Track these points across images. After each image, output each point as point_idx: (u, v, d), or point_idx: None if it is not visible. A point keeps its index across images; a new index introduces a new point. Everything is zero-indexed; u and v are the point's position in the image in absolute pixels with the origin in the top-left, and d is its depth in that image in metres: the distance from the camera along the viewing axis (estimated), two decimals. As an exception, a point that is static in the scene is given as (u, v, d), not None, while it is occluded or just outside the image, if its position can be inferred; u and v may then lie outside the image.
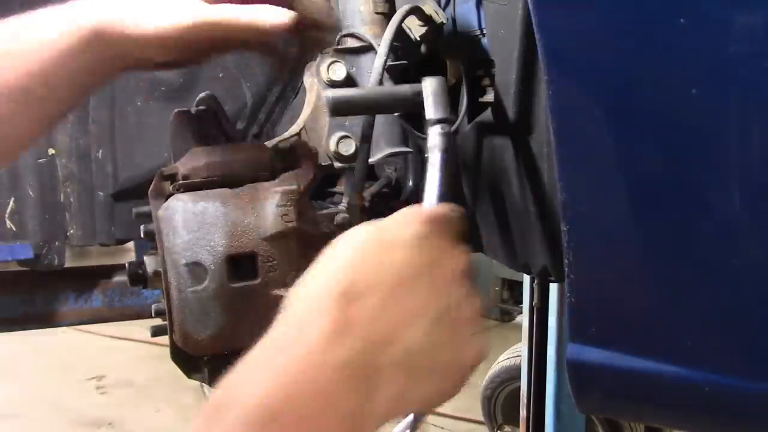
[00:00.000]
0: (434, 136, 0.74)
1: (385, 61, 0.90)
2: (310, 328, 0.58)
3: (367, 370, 0.58)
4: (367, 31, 0.99)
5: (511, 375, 2.46)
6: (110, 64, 0.80)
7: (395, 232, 0.64)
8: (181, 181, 0.80)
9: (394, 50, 0.91)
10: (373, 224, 0.65)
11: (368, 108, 0.81)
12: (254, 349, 0.59)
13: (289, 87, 1.33)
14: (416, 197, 1.03)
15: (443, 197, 0.70)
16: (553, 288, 1.93)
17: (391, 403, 0.59)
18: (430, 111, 0.76)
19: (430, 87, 0.77)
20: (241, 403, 0.55)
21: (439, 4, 0.98)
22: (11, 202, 1.52)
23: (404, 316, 0.60)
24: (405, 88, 0.81)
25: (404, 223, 0.65)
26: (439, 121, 0.75)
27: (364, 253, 0.62)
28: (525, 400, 2.08)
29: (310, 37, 0.88)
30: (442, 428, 3.46)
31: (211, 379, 0.84)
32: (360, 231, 0.64)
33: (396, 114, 0.92)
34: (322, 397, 0.56)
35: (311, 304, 0.60)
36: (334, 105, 0.76)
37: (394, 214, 0.66)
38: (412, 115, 0.92)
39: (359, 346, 0.58)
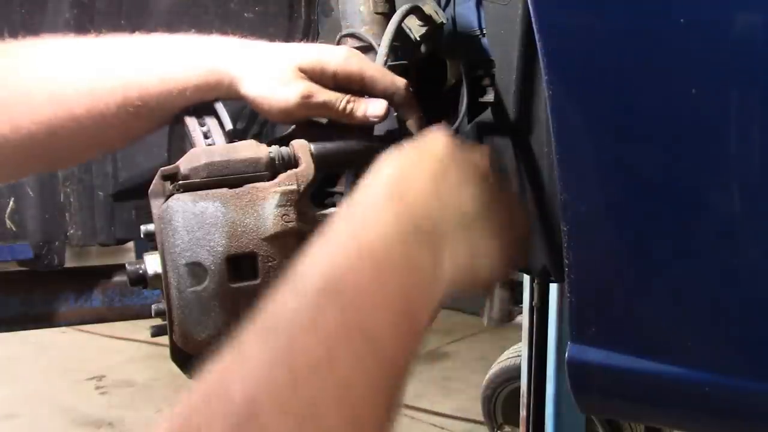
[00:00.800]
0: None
1: (386, 61, 0.90)
2: (372, 211, 0.65)
3: (429, 233, 0.66)
4: (367, 31, 0.99)
5: (511, 375, 2.46)
6: (204, 99, 0.89)
7: (426, 143, 0.75)
8: (180, 182, 0.80)
9: (394, 50, 0.91)
10: (407, 147, 0.74)
11: (348, 161, 0.88)
12: (320, 235, 0.63)
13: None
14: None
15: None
16: (553, 288, 1.93)
17: (458, 263, 0.68)
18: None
19: None
20: (311, 279, 0.59)
21: (439, 4, 0.98)
22: (11, 202, 1.52)
23: (451, 189, 0.71)
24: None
25: (431, 137, 0.76)
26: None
27: (403, 161, 0.72)
28: (525, 400, 2.08)
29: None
30: (442, 428, 3.46)
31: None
32: (397, 152, 0.73)
33: (395, 114, 0.92)
34: (390, 263, 0.61)
35: (370, 197, 0.68)
36: (319, 159, 0.84)
37: (419, 137, 0.77)
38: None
39: (419, 217, 0.66)
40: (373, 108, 0.87)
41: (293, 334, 0.54)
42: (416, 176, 0.70)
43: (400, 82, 0.88)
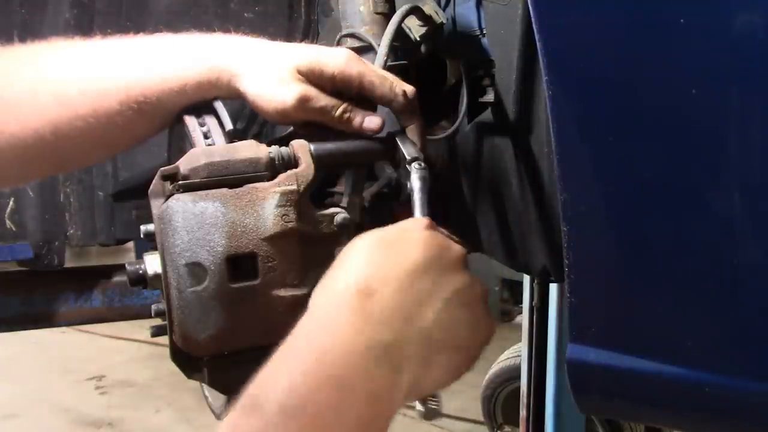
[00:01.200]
0: (413, 175, 0.83)
1: (386, 61, 0.90)
2: (334, 322, 0.64)
3: (390, 352, 0.64)
4: (367, 31, 0.99)
5: (511, 375, 2.45)
6: (205, 98, 0.88)
7: (400, 234, 0.73)
8: (180, 182, 0.80)
9: (393, 50, 0.91)
10: (378, 230, 0.73)
11: (347, 161, 0.89)
12: (281, 345, 0.65)
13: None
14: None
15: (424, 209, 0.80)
16: (553, 288, 1.93)
17: (414, 381, 0.66)
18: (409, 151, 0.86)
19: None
20: (273, 395, 0.60)
21: (439, 4, 0.98)
22: (11, 202, 1.52)
23: (418, 301, 0.68)
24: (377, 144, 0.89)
25: (406, 226, 0.74)
26: (414, 159, 0.84)
27: (374, 253, 0.70)
28: (525, 400, 2.08)
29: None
30: (442, 428, 3.46)
31: (211, 379, 0.84)
32: (367, 236, 0.72)
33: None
34: (350, 383, 0.61)
35: (332, 301, 0.67)
36: (318, 159, 0.84)
37: (398, 223, 0.75)
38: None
39: (380, 333, 0.64)
40: (369, 121, 0.87)
41: None
42: (385, 279, 0.67)
43: (399, 89, 0.87)
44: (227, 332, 0.79)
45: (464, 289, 0.71)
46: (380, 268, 0.68)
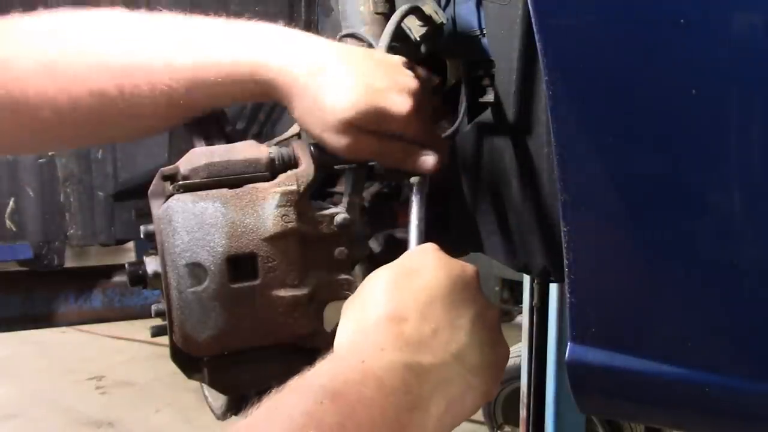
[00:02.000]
0: (416, 193, 0.86)
1: (385, 61, 0.90)
2: (372, 343, 0.66)
3: (431, 373, 0.66)
4: (367, 31, 0.99)
5: (511, 375, 2.45)
6: (253, 98, 0.85)
7: (414, 263, 0.74)
8: (180, 182, 0.80)
9: (393, 50, 0.91)
10: (390, 264, 0.74)
11: (348, 161, 0.88)
12: (315, 365, 0.65)
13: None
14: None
15: (421, 237, 0.83)
16: (553, 288, 1.93)
17: (444, 407, 0.67)
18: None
19: None
20: (317, 380, 0.62)
21: (439, 4, 0.98)
22: (11, 202, 1.52)
23: (450, 325, 0.70)
24: None
25: (420, 254, 0.75)
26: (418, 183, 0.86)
27: (395, 285, 0.71)
28: (525, 400, 2.08)
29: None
30: (442, 428, 3.45)
31: (211, 379, 0.84)
32: (382, 271, 0.73)
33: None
34: (391, 384, 0.63)
35: (365, 329, 0.68)
36: (319, 160, 0.84)
37: (407, 252, 0.78)
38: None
39: (420, 355, 0.66)
40: (423, 162, 0.85)
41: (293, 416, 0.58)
42: (414, 308, 0.69)
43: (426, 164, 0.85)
44: (228, 332, 0.79)
45: (485, 310, 0.73)
46: (405, 297, 0.70)
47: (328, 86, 0.79)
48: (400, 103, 0.80)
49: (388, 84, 0.81)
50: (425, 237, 0.83)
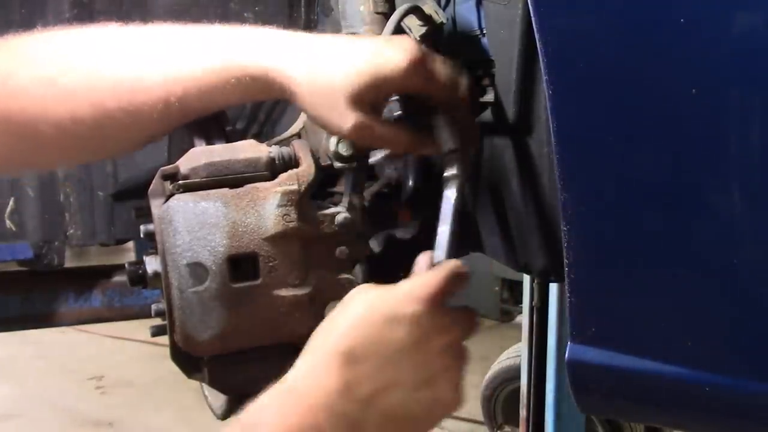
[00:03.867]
0: (450, 188, 0.80)
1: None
2: (315, 382, 0.69)
3: (356, 423, 0.69)
4: (367, 31, 0.99)
5: (511, 375, 2.45)
6: (252, 97, 0.86)
7: (397, 308, 0.72)
8: (181, 182, 0.80)
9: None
10: (381, 292, 0.73)
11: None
12: (272, 388, 0.70)
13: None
14: (416, 199, 1.02)
15: (451, 251, 0.77)
16: (553, 288, 1.93)
17: None
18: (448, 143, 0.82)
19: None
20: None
21: (439, 4, 0.98)
22: (11, 202, 1.52)
23: (394, 382, 0.70)
24: None
25: (407, 299, 0.72)
26: (455, 177, 0.80)
27: (367, 323, 0.71)
28: (525, 400, 2.08)
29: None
30: (442, 428, 3.46)
31: (211, 379, 0.84)
32: (369, 297, 0.72)
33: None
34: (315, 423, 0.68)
35: (319, 358, 0.70)
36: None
37: (402, 284, 0.74)
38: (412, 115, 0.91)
39: (349, 407, 0.69)
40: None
41: None
42: (369, 355, 0.70)
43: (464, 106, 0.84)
44: (229, 332, 0.79)
45: (444, 372, 0.73)
46: (366, 341, 0.70)
47: (325, 66, 0.80)
48: (396, 57, 0.79)
49: (382, 45, 0.82)
50: (455, 250, 0.76)
